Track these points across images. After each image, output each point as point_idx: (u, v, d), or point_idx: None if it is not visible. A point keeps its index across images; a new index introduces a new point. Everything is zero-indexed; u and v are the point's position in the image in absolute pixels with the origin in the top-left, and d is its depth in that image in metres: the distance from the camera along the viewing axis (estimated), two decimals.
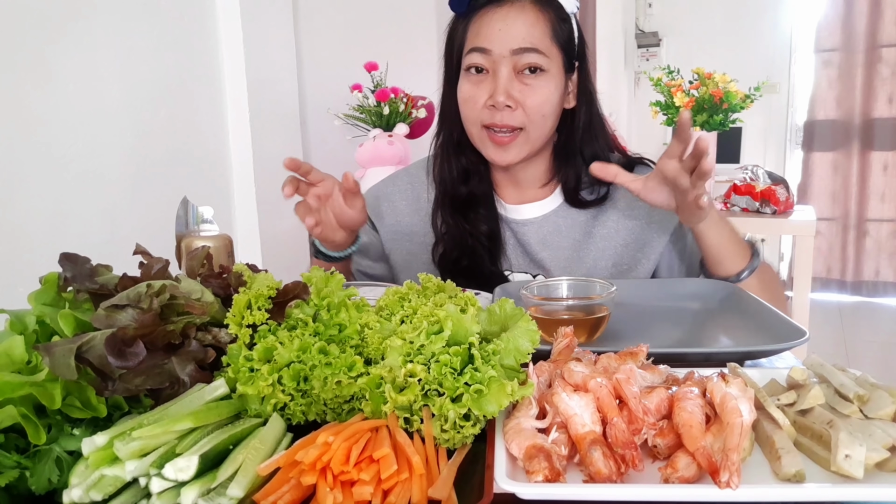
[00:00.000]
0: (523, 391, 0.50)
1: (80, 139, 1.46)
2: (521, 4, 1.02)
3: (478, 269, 1.11)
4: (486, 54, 1.03)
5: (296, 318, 0.61)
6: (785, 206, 2.02)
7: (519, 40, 1.01)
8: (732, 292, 0.94)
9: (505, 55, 1.01)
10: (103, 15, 1.50)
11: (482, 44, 1.03)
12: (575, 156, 1.13)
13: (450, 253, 1.13)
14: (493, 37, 1.02)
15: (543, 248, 1.13)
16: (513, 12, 1.02)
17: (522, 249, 1.15)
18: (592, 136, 1.13)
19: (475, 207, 1.14)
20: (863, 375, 0.57)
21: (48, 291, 0.60)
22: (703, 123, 2.03)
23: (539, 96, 1.03)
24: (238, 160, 1.93)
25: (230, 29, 1.85)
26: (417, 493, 0.43)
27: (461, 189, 1.14)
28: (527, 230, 1.14)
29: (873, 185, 4.12)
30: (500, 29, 1.02)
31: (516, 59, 1.02)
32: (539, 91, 1.03)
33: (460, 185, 1.15)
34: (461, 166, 1.15)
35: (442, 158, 1.16)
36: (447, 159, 1.15)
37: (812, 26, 4.18)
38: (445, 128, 1.16)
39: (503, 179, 1.17)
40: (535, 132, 1.06)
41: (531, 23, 1.02)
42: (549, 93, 1.04)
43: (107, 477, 0.45)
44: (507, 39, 1.01)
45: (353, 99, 2.16)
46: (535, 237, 1.13)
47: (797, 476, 0.45)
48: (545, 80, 1.03)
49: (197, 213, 0.96)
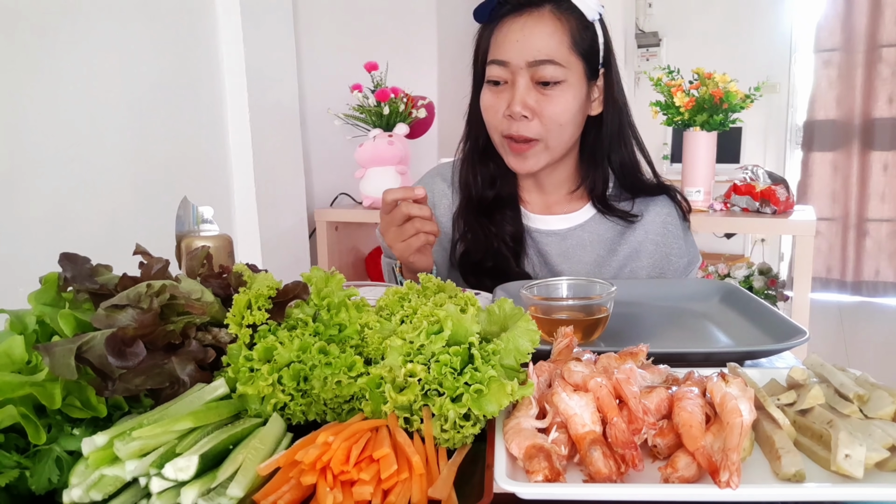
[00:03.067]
0: (523, 391, 0.50)
1: (80, 139, 1.46)
2: (539, 13, 1.02)
3: (502, 271, 1.11)
4: (504, 67, 1.04)
5: (296, 318, 0.61)
6: (785, 206, 2.01)
7: (535, 52, 1.01)
8: (732, 292, 0.94)
9: (522, 67, 1.02)
10: (103, 15, 1.50)
11: (500, 56, 1.03)
12: (602, 162, 1.13)
13: (473, 254, 1.14)
14: (510, 48, 1.02)
15: (564, 261, 1.14)
16: (531, 22, 1.02)
17: (542, 259, 1.15)
18: (622, 142, 1.12)
19: (501, 209, 1.15)
20: (863, 375, 0.57)
21: (48, 291, 0.59)
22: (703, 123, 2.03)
23: (556, 106, 1.03)
24: (238, 160, 1.93)
25: (230, 29, 1.85)
26: (417, 493, 0.43)
27: (488, 193, 1.15)
28: (550, 241, 1.15)
29: (873, 185, 4.12)
30: (518, 40, 1.02)
31: (533, 71, 1.02)
32: (556, 101, 1.03)
33: (487, 188, 1.15)
34: (488, 172, 1.16)
35: (468, 164, 1.17)
36: (473, 165, 1.16)
37: (812, 26, 4.18)
38: (472, 135, 1.16)
39: (528, 185, 1.18)
40: (553, 141, 1.06)
41: (549, 33, 1.02)
42: (566, 103, 1.04)
43: (107, 477, 0.45)
44: (523, 51, 1.01)
45: (353, 99, 2.16)
46: (556, 249, 1.14)
47: (797, 476, 0.45)
48: (562, 91, 1.03)
49: (197, 213, 0.96)
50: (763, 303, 0.86)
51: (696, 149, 2.09)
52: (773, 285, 3.00)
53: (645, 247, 1.13)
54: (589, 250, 1.13)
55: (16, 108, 1.33)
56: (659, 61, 4.43)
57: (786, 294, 2.96)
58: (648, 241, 1.13)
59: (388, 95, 2.12)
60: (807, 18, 4.25)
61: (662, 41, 4.61)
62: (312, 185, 2.37)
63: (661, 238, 1.13)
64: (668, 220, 1.14)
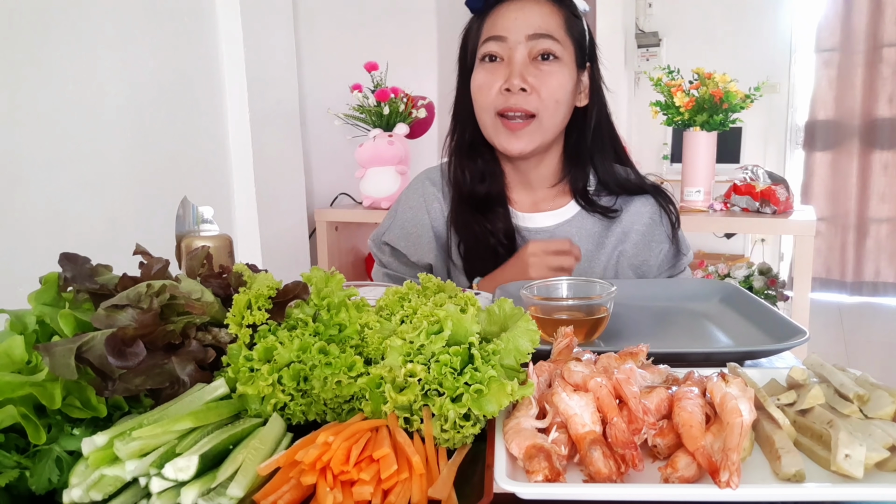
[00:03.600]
0: (523, 391, 0.50)
1: (80, 139, 1.46)
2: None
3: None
4: (501, 41, 1.05)
5: (296, 318, 0.61)
6: (785, 206, 2.01)
7: (535, 27, 1.04)
8: (732, 292, 0.94)
9: (521, 41, 1.04)
10: (103, 15, 1.50)
11: (498, 32, 1.05)
12: (584, 156, 1.14)
13: (473, 253, 1.14)
14: (508, 25, 1.05)
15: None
16: (529, 3, 1.05)
17: None
18: (601, 137, 1.14)
19: (492, 206, 1.15)
20: (863, 375, 0.57)
21: (48, 291, 0.59)
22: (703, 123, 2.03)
23: (554, 81, 1.05)
24: (238, 160, 1.93)
25: (230, 29, 1.85)
26: (417, 493, 0.43)
27: (479, 188, 1.16)
28: (538, 237, 1.15)
29: (873, 185, 4.12)
30: (516, 17, 1.05)
31: (532, 45, 1.04)
32: (554, 76, 1.05)
33: (477, 183, 1.16)
34: (476, 167, 1.16)
35: (456, 160, 1.17)
36: (461, 161, 1.17)
37: (812, 26, 4.18)
38: (458, 128, 1.17)
39: (515, 181, 1.18)
40: (548, 120, 1.07)
41: (546, 13, 1.05)
42: (563, 79, 1.06)
43: (107, 477, 0.45)
44: (522, 26, 1.04)
45: (353, 99, 2.16)
46: None
47: (797, 476, 0.45)
48: (559, 67, 1.06)
49: (197, 213, 0.96)
50: (763, 303, 0.86)
51: (696, 149, 2.09)
52: (773, 285, 3.00)
53: (630, 237, 1.14)
54: (577, 244, 1.13)
55: (16, 108, 1.33)
56: (659, 61, 4.43)
57: (786, 294, 2.96)
58: (634, 232, 1.14)
59: (388, 95, 2.12)
60: (807, 18, 4.25)
61: (662, 41, 4.61)
62: (312, 185, 2.37)
63: (647, 229, 1.14)
64: (654, 217, 1.15)
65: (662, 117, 2.14)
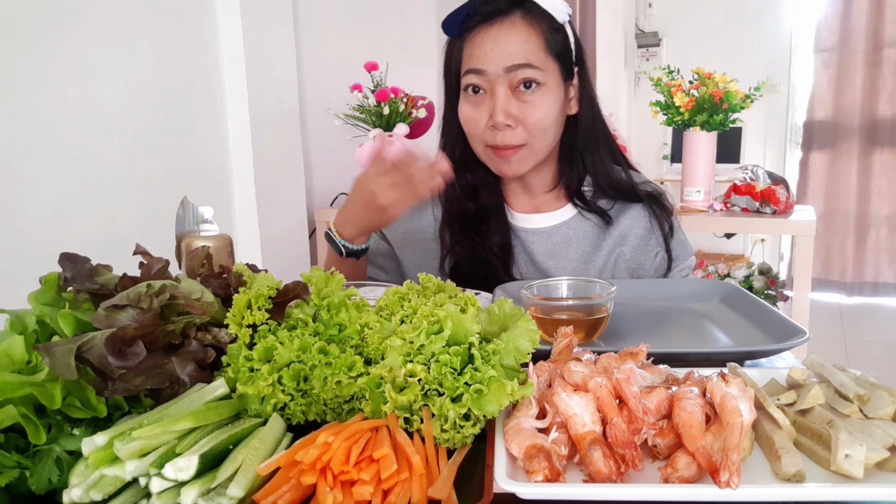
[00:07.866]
0: (523, 391, 0.50)
1: (80, 139, 1.46)
2: (511, 21, 1.02)
3: (492, 280, 1.10)
4: (481, 75, 1.03)
5: (296, 318, 0.61)
6: (785, 206, 2.02)
7: (512, 57, 1.01)
8: (732, 292, 0.94)
9: (500, 73, 1.01)
10: (103, 15, 1.50)
11: (476, 65, 1.03)
12: (578, 159, 1.14)
13: (463, 265, 1.13)
14: (486, 57, 1.02)
15: (550, 258, 1.13)
16: (503, 31, 1.02)
17: (528, 258, 1.15)
18: (594, 139, 1.13)
19: (487, 220, 1.14)
20: (863, 375, 0.57)
21: (48, 291, 0.59)
22: (703, 123, 2.03)
23: (539, 111, 1.03)
24: (238, 160, 1.93)
25: (230, 29, 1.85)
26: (417, 493, 0.43)
27: (469, 205, 1.14)
28: (535, 239, 1.14)
29: (873, 185, 4.12)
30: (493, 48, 1.02)
31: (511, 77, 1.02)
32: (538, 106, 1.03)
33: (468, 201, 1.14)
34: (467, 182, 1.14)
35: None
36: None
37: (812, 26, 4.19)
38: (448, 147, 1.15)
39: (514, 188, 1.18)
40: (538, 145, 1.06)
41: (523, 38, 1.02)
42: (547, 106, 1.04)
43: (107, 477, 0.45)
44: (500, 58, 1.01)
45: (353, 99, 2.15)
46: (542, 247, 1.14)
47: (797, 476, 0.45)
48: (542, 94, 1.03)
49: (197, 213, 0.96)
50: (763, 303, 0.86)
51: (696, 149, 2.09)
52: (773, 285, 3.00)
53: (629, 240, 1.13)
54: (574, 247, 1.13)
55: (16, 108, 1.33)
56: (659, 61, 4.43)
57: (786, 294, 2.96)
58: (632, 235, 1.13)
59: (388, 95, 2.12)
60: (807, 18, 4.26)
61: (662, 41, 4.61)
62: (312, 185, 2.37)
63: (646, 233, 1.14)
64: (652, 221, 1.15)
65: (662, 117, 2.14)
